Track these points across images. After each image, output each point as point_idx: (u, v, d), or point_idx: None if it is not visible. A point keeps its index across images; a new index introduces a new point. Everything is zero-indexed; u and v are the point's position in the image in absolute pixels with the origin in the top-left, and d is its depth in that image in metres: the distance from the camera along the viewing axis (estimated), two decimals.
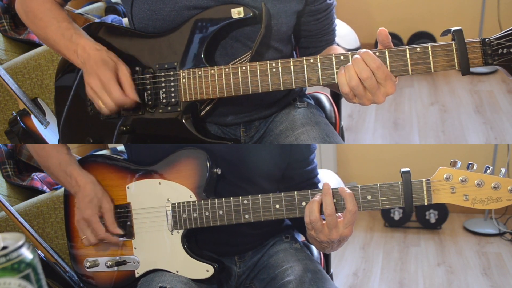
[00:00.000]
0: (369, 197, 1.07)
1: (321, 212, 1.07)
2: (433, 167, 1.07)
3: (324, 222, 1.06)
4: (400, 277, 2.60)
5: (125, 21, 2.16)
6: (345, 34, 1.64)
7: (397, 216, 3.11)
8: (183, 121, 1.16)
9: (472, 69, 1.00)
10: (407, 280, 2.58)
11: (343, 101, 1.66)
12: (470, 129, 3.04)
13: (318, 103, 1.48)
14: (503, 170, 1.02)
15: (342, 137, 1.59)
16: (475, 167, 1.03)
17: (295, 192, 1.10)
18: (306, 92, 1.44)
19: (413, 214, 3.15)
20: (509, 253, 2.76)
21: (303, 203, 1.09)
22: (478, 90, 3.40)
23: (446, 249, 2.87)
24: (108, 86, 1.08)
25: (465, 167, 1.03)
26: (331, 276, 1.50)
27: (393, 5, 3.79)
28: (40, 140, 1.92)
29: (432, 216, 3.06)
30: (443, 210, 3.06)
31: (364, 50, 1.01)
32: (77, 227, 1.22)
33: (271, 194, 1.10)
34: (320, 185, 1.35)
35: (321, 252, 1.45)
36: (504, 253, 2.76)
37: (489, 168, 1.03)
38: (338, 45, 1.33)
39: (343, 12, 3.29)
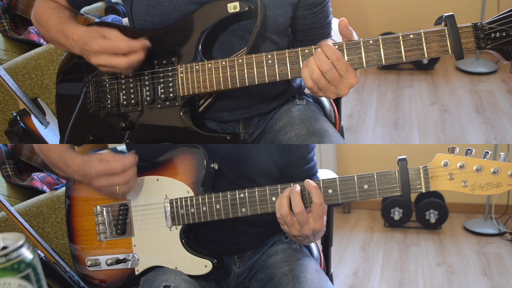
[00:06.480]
0: (365, 186, 1.05)
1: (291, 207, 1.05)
2: None
3: (295, 217, 1.06)
4: (400, 277, 2.60)
5: (125, 21, 2.16)
6: None
7: (397, 216, 3.11)
8: (181, 115, 1.17)
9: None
10: (407, 280, 2.58)
11: (343, 101, 1.66)
12: (470, 129, 3.03)
13: (318, 102, 1.48)
14: (503, 154, 0.98)
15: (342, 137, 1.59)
16: (473, 153, 0.99)
17: (292, 185, 1.09)
18: (306, 92, 1.44)
19: (413, 214, 3.15)
20: (509, 253, 2.76)
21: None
22: (478, 90, 3.40)
23: (446, 249, 2.87)
24: (108, 49, 1.08)
25: (464, 153, 0.99)
26: (331, 276, 1.50)
27: (392, 5, 3.78)
28: (40, 140, 1.92)
29: (432, 216, 3.06)
30: (443, 210, 3.06)
31: (324, 42, 1.02)
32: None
33: (267, 187, 1.10)
34: None
35: (321, 252, 1.45)
36: (504, 253, 2.76)
37: (488, 153, 0.98)
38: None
39: (342, 12, 3.29)
